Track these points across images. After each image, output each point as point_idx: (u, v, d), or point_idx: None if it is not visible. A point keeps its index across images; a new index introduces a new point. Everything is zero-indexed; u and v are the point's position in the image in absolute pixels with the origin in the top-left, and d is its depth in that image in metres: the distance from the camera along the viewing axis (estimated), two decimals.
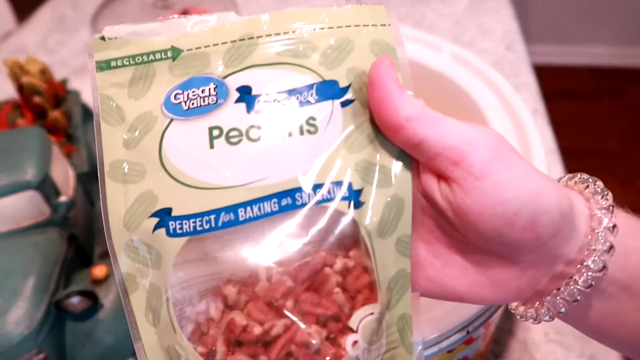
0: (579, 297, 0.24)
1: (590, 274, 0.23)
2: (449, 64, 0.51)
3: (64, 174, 0.48)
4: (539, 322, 0.25)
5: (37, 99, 0.57)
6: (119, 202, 0.24)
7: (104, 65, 0.25)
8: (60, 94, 0.61)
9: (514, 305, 0.27)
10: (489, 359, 0.49)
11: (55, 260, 0.43)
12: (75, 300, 0.41)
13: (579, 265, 0.24)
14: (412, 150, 0.24)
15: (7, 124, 0.57)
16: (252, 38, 0.25)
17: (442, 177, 0.24)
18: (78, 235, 0.48)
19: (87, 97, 0.67)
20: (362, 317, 0.23)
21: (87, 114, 0.62)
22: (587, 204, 0.25)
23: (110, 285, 0.44)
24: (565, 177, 0.27)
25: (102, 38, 0.25)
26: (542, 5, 1.99)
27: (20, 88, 0.58)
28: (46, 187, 0.44)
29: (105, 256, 0.51)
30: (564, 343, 0.50)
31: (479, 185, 0.22)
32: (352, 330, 0.23)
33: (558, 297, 0.24)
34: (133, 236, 0.24)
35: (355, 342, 0.23)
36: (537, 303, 0.25)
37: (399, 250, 0.24)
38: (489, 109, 0.46)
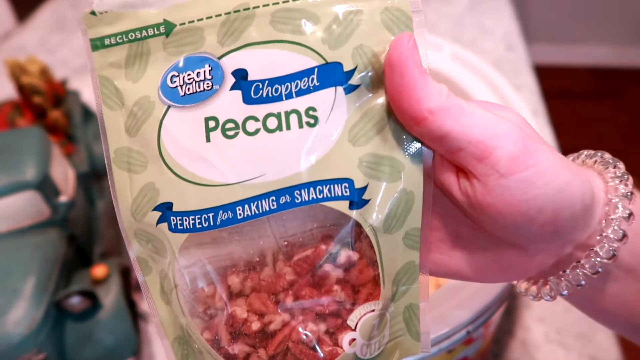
0: (583, 282, 0.23)
1: (598, 260, 0.22)
2: (449, 64, 0.51)
3: (64, 174, 0.48)
4: (539, 300, 0.25)
5: (37, 99, 0.57)
6: (126, 190, 0.24)
7: (99, 44, 0.24)
8: (60, 94, 0.61)
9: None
10: (489, 359, 0.49)
11: (55, 260, 0.43)
12: (75, 300, 0.41)
13: (588, 250, 0.23)
14: (432, 142, 0.22)
15: (7, 124, 0.57)
16: (248, 9, 0.23)
17: (461, 170, 0.22)
18: (78, 235, 0.48)
19: (87, 97, 0.67)
20: (362, 315, 0.23)
21: (87, 114, 0.62)
22: (604, 187, 0.23)
23: (110, 285, 0.44)
24: (585, 154, 0.26)
25: (93, 13, 0.24)
26: (542, 5, 1.99)
27: (20, 88, 0.58)
28: (46, 187, 0.44)
29: (105, 256, 0.51)
30: (564, 343, 0.50)
31: (504, 183, 0.21)
32: (350, 328, 0.23)
33: (563, 279, 0.23)
34: (140, 226, 0.24)
35: (353, 340, 0.23)
36: (541, 281, 0.25)
37: (407, 244, 0.23)
38: None
